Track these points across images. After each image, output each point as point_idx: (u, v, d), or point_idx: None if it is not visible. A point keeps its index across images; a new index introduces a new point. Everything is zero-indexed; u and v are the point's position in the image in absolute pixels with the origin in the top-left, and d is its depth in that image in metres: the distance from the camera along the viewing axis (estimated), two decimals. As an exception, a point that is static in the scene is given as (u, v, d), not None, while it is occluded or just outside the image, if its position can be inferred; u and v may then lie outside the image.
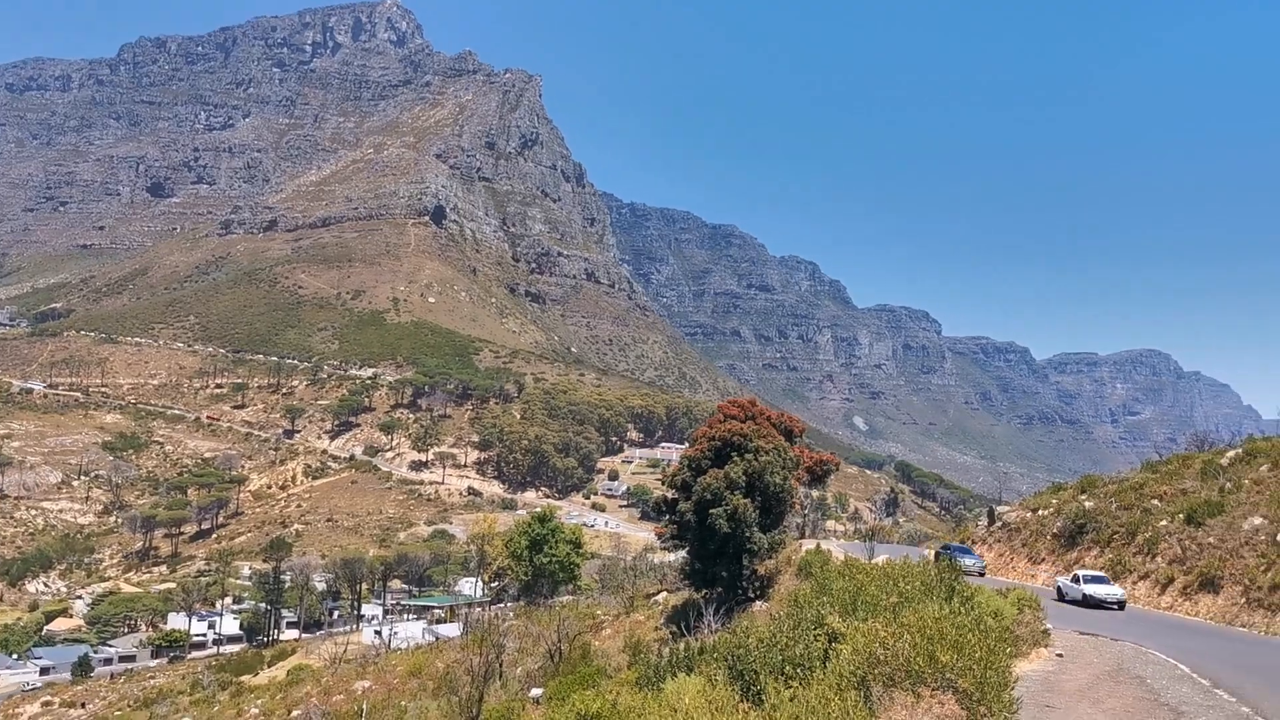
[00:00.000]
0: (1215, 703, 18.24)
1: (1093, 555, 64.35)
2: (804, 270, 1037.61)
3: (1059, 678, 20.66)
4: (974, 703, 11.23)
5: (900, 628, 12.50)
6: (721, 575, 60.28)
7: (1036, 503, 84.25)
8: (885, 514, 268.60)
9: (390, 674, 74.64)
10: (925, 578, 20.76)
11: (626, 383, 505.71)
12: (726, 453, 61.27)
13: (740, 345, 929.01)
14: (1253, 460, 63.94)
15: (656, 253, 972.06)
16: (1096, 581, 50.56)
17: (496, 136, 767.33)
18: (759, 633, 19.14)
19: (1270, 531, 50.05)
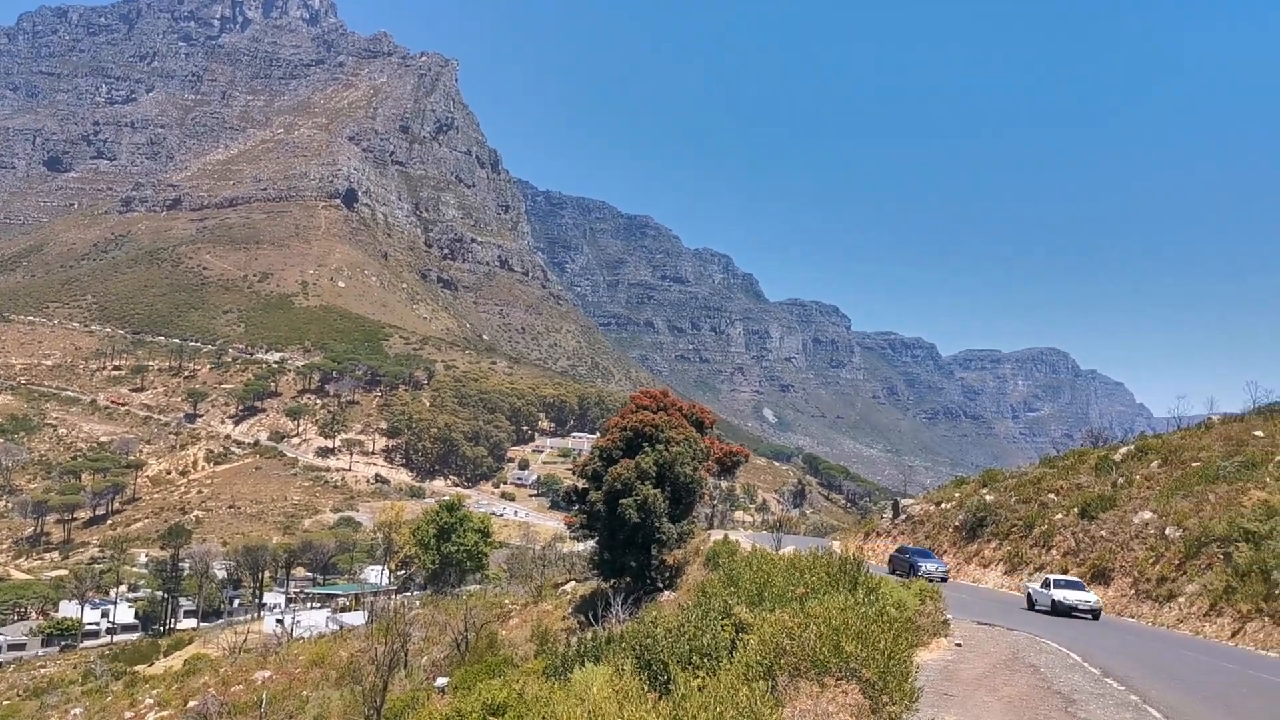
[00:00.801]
0: (1105, 691, 18.85)
1: (992, 547, 66.07)
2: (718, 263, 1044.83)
3: (958, 667, 21.13)
4: (877, 692, 11.43)
5: (806, 618, 12.67)
6: (630, 565, 60.48)
7: (940, 496, 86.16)
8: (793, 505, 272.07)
9: (292, 664, 73.44)
10: (831, 569, 21.08)
11: (539, 371, 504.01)
12: (638, 443, 61.45)
13: (654, 336, 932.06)
14: (1144, 456, 66.21)
15: (571, 242, 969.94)
16: (1068, 586, 46.85)
17: (411, 120, 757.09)
18: (667, 623, 19.24)
19: (1159, 525, 51.84)
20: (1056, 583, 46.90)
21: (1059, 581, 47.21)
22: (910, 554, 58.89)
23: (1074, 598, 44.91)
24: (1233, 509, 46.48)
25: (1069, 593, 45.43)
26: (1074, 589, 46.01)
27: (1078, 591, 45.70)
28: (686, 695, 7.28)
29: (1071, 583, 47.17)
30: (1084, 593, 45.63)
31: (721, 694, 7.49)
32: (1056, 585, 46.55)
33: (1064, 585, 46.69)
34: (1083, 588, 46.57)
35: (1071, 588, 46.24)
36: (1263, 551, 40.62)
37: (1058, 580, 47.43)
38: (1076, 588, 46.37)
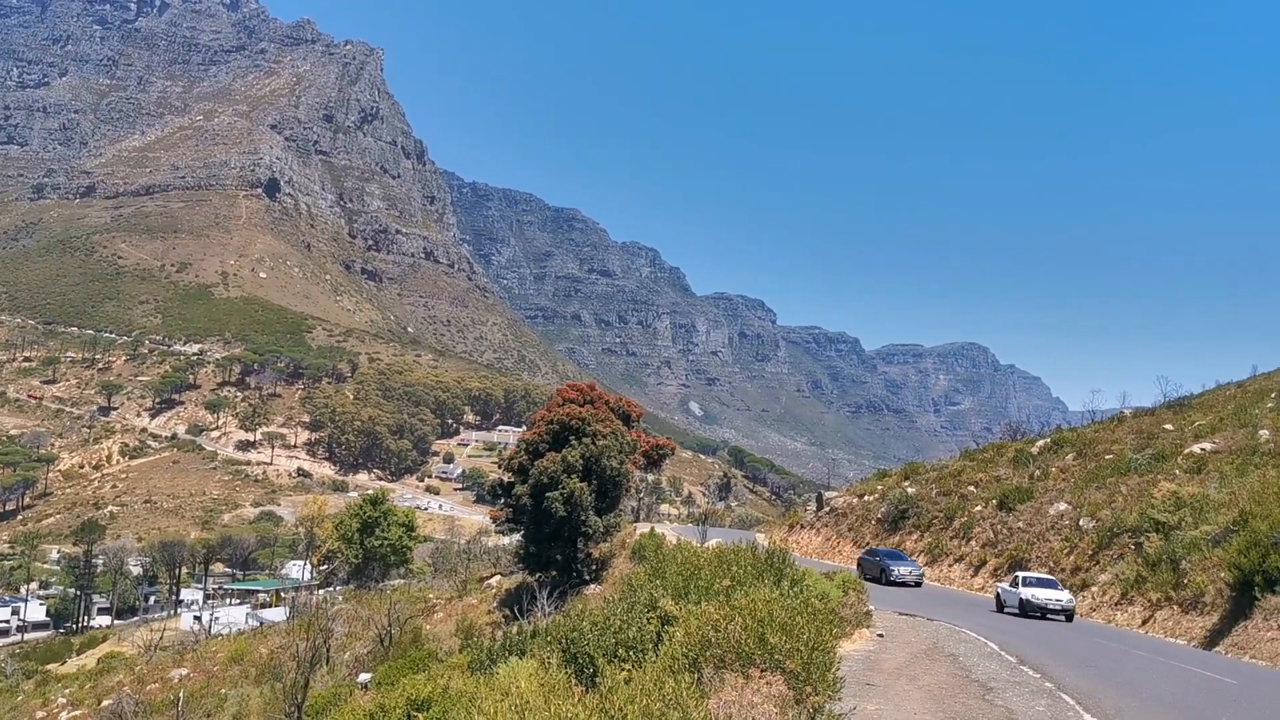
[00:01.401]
0: (1021, 678, 19.26)
1: (913, 539, 67.19)
2: (645, 257, 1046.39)
3: (880, 657, 21.44)
4: (801, 683, 11.54)
5: (732, 611, 12.75)
6: (556, 558, 60.42)
7: (863, 489, 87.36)
8: (718, 498, 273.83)
9: (210, 661, 72.08)
10: (756, 562, 21.25)
11: (464, 364, 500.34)
12: (564, 436, 61.38)
13: (580, 329, 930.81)
14: (1059, 449, 67.84)
15: (498, 234, 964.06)
16: (1039, 584, 43.20)
17: (335, 109, 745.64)
18: (593, 616, 19.25)
19: (1073, 516, 53.16)
20: (1025, 580, 43.64)
21: (1029, 579, 43.84)
22: (881, 556, 54.39)
23: (1044, 596, 41.69)
24: (1143, 500, 47.79)
25: (1039, 591, 42.13)
26: (1045, 587, 42.63)
27: (1049, 590, 42.37)
28: (613, 688, 7.30)
29: (1043, 580, 43.77)
30: (1056, 591, 42.32)
31: (647, 686, 7.51)
32: (1025, 583, 43.21)
33: (1034, 583, 43.25)
34: (1055, 585, 43.23)
35: (1043, 585, 42.83)
36: (1172, 542, 41.82)
37: (1027, 578, 44.06)
38: (1048, 585, 42.95)
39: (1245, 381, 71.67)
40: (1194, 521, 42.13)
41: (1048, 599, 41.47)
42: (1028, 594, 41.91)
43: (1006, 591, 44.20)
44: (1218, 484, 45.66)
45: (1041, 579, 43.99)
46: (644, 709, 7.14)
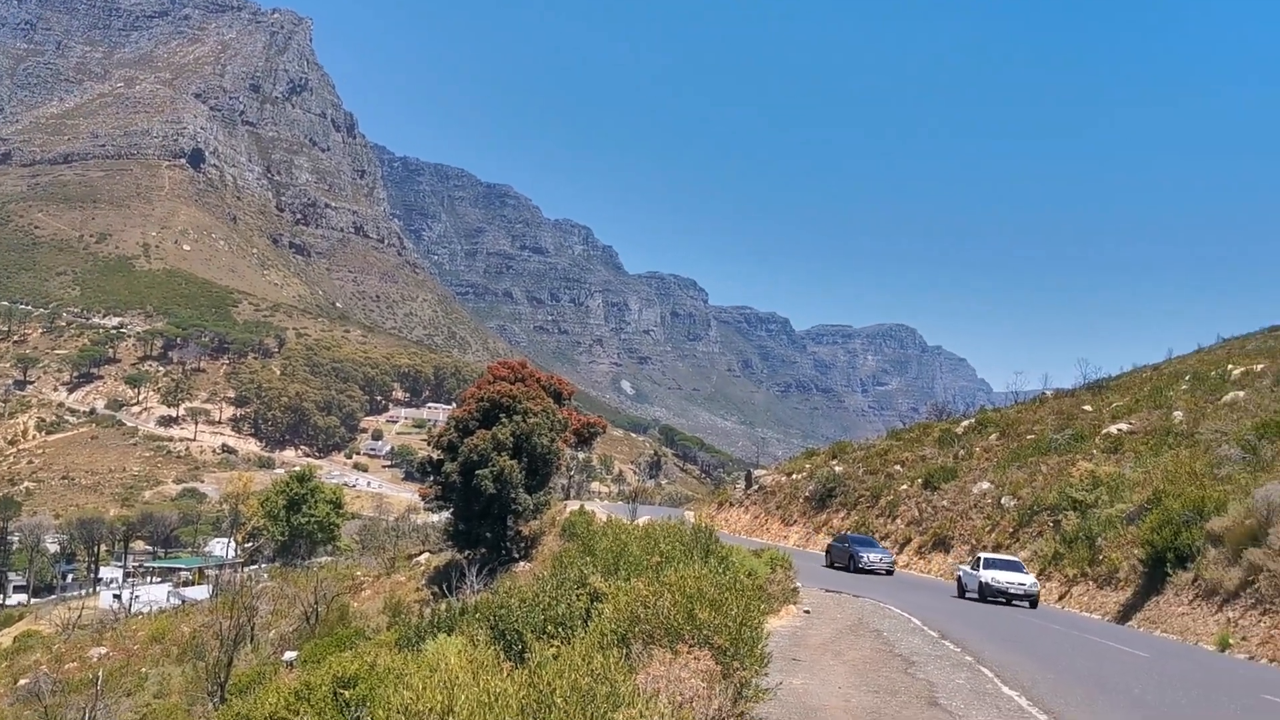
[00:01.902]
0: (942, 653, 19.66)
1: (840, 517, 68.14)
2: (578, 234, 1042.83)
3: (806, 632, 21.74)
4: (728, 658, 11.65)
5: (661, 587, 12.83)
6: (486, 536, 60.35)
7: (791, 467, 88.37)
8: (649, 476, 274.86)
9: (130, 640, 70.85)
10: (685, 539, 21.39)
11: (394, 341, 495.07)
12: (495, 414, 61.19)
13: (512, 306, 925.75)
14: (983, 429, 69.21)
15: (429, 209, 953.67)
16: (1002, 566, 40.01)
17: (262, 79, 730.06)
18: (522, 593, 19.26)
19: (996, 495, 54.31)
20: (987, 562, 40.60)
21: (991, 560, 40.83)
22: (851, 542, 50.84)
23: (1005, 579, 38.77)
24: (1063, 479, 48.96)
25: (1000, 574, 39.14)
26: (1008, 569, 39.66)
27: (1011, 573, 39.32)
28: (542, 663, 7.32)
29: (1007, 562, 40.70)
30: (1020, 574, 39.27)
31: (576, 661, 7.54)
32: (987, 565, 40.18)
33: (996, 565, 40.20)
34: (1020, 568, 40.14)
35: (1006, 568, 39.84)
36: (1088, 519, 42.91)
37: (989, 559, 41.05)
38: (1011, 568, 39.86)
39: (1161, 364, 73.60)
40: (1110, 500, 43.26)
41: (1009, 582, 38.68)
42: (988, 577, 39.00)
43: (967, 575, 41.32)
44: (1133, 464, 46.89)
45: (1004, 560, 41.01)
46: (572, 684, 7.17)
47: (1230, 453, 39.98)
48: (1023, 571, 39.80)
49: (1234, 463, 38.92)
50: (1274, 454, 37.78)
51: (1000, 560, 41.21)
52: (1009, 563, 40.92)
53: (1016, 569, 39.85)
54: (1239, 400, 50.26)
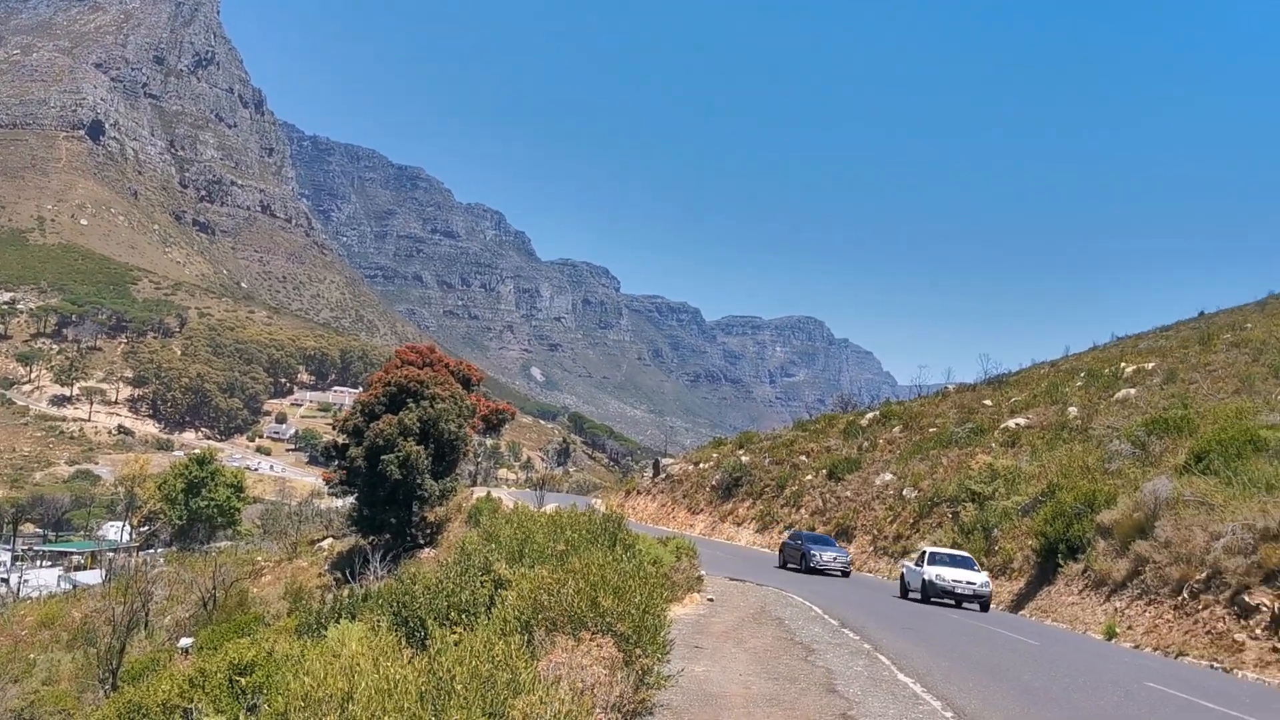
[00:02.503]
0: (841, 640, 20.01)
1: (746, 506, 68.93)
2: (490, 219, 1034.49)
3: (709, 620, 21.94)
4: (631, 645, 11.71)
5: (565, 574, 12.84)
6: (391, 521, 59.84)
7: (698, 456, 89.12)
8: (557, 463, 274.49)
9: (18, 625, 68.50)
10: (591, 526, 21.42)
11: (300, 322, 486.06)
12: (402, 399, 60.65)
13: (422, 290, 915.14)
14: (887, 422, 70.59)
15: (339, 190, 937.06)
16: (950, 563, 36.16)
17: (167, 51, 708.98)
18: (426, 579, 19.11)
19: (898, 486, 55.45)
20: (933, 557, 36.60)
21: (937, 555, 36.92)
22: (804, 541, 47.06)
23: (952, 577, 35.02)
24: (962, 471, 50.17)
25: (947, 571, 35.36)
26: (956, 565, 35.93)
27: (960, 570, 35.59)
28: (442, 650, 7.28)
29: (955, 558, 36.81)
30: (970, 571, 35.50)
31: (477, 648, 7.52)
32: (932, 560, 36.24)
33: (943, 560, 36.35)
34: (970, 565, 36.34)
35: (954, 564, 36.01)
36: (985, 511, 44.03)
37: (935, 554, 37.06)
38: (960, 565, 36.08)
39: (1058, 361, 75.82)
40: (1006, 492, 44.46)
41: (956, 580, 34.92)
42: (933, 574, 35.17)
43: (910, 571, 37.41)
44: (1029, 457, 48.25)
45: (952, 556, 37.17)
46: (472, 670, 7.14)
47: (1121, 448, 41.33)
48: (973, 569, 35.98)
49: (1124, 458, 40.25)
50: (1162, 450, 39.16)
51: (947, 555, 37.19)
52: (958, 558, 36.86)
53: (966, 565, 36.09)
54: (1130, 397, 51.99)
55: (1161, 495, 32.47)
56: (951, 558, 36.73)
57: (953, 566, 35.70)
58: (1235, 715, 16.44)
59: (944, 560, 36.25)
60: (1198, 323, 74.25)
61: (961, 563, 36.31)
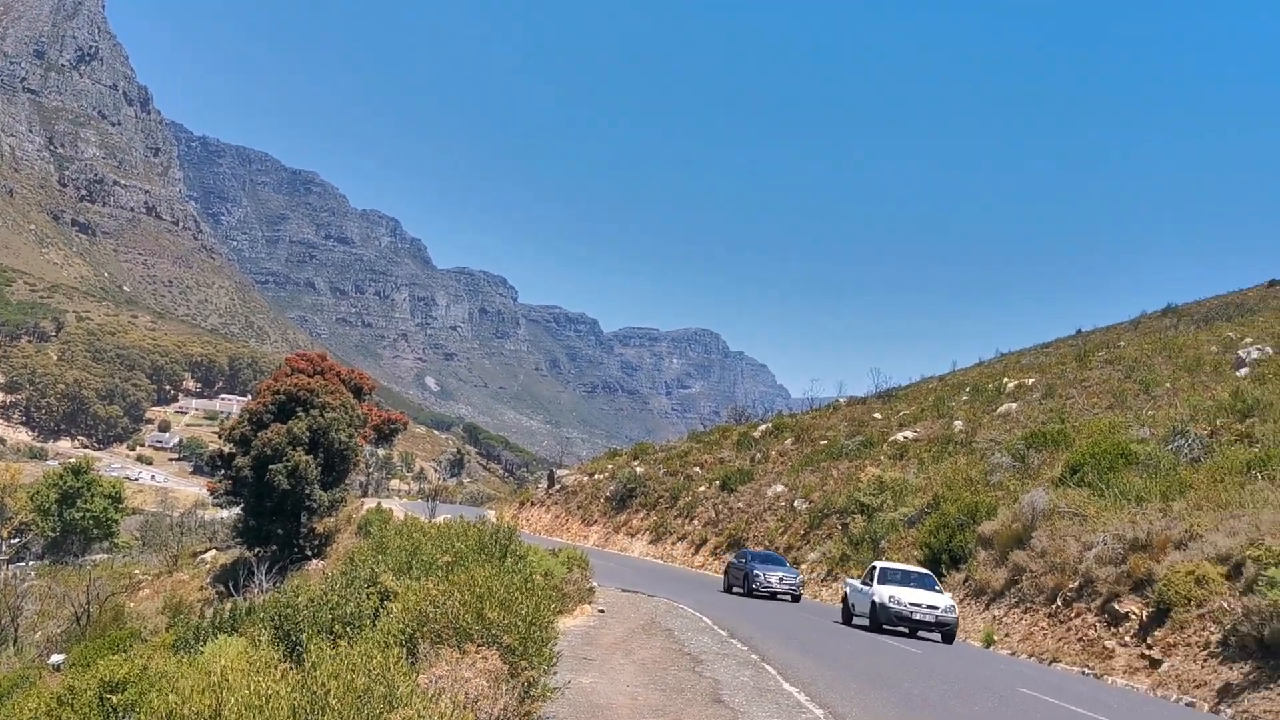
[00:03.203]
0: (730, 651, 20.20)
1: (640, 517, 69.09)
2: (385, 226, 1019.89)
3: (599, 632, 21.94)
4: (517, 657, 11.65)
5: (451, 586, 12.72)
6: (278, 533, 58.63)
7: (593, 467, 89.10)
8: (450, 474, 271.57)
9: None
10: (481, 538, 21.27)
11: (186, 328, 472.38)
12: (291, 407, 59.52)
13: (315, 297, 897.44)
14: (779, 434, 71.55)
15: (229, 193, 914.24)
16: (905, 581, 30.54)
17: (48, 45, 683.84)
18: (310, 592, 18.75)
19: (789, 498, 56.19)
20: (884, 574, 30.87)
21: (890, 573, 31.05)
22: (749, 560, 41.35)
23: (909, 600, 29.28)
24: (852, 483, 51.07)
25: (902, 591, 29.63)
26: (914, 585, 30.24)
27: (918, 590, 29.90)
28: (317, 663, 7.13)
29: (912, 575, 31.17)
30: (930, 593, 29.82)
31: (354, 661, 7.39)
32: (885, 578, 30.56)
33: (897, 579, 30.52)
34: (931, 584, 30.74)
35: (910, 583, 30.38)
36: (874, 522, 44.89)
37: (887, 570, 31.37)
38: (919, 584, 30.49)
39: (946, 376, 77.92)
40: (894, 504, 45.41)
41: (914, 605, 29.16)
42: (884, 595, 29.60)
43: (856, 592, 31.89)
44: (916, 469, 49.37)
45: (909, 573, 31.34)
46: (348, 684, 7.02)
47: (1002, 461, 42.58)
48: (934, 589, 30.36)
49: (1005, 470, 41.47)
50: (1040, 463, 40.45)
51: (902, 572, 31.27)
52: (914, 576, 31.15)
53: (926, 585, 30.41)
54: (1012, 411, 53.63)
55: (1038, 507, 33.52)
56: (907, 575, 30.97)
57: (909, 586, 30.06)
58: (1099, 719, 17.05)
59: (897, 578, 30.56)
60: (1075, 341, 77.05)
61: (919, 581, 30.67)
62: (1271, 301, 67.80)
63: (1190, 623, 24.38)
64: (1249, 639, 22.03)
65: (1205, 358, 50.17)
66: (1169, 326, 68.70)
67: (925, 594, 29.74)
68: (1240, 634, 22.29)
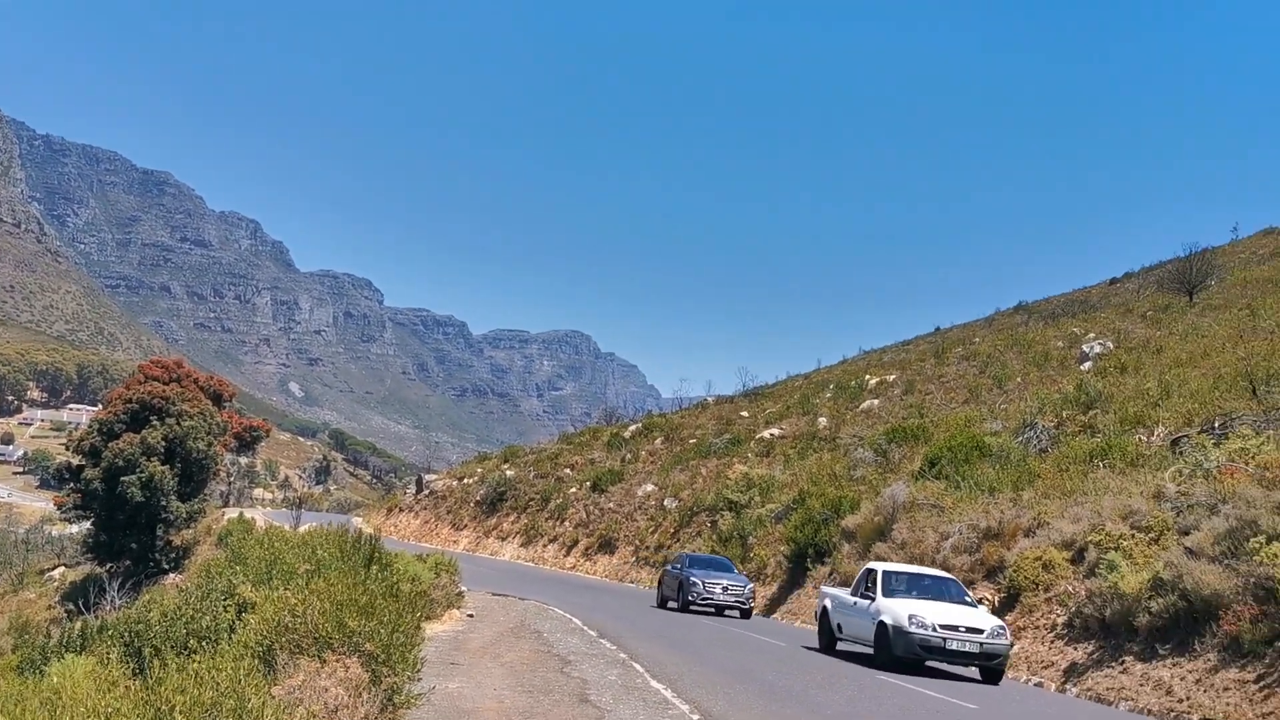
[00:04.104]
0: (599, 651, 20.27)
1: (510, 520, 68.76)
2: (245, 228, 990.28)
3: (467, 636, 21.77)
4: (379, 664, 11.49)
5: (311, 594, 12.46)
6: (132, 547, 56.56)
7: (463, 471, 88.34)
8: (316, 482, 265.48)
9: None
10: (345, 545, 20.89)
11: (30, 335, 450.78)
12: (146, 416, 57.55)
13: (171, 302, 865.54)
14: (649, 434, 72.12)
15: (75, 194, 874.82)
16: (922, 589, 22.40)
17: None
18: (164, 606, 18.12)
19: (659, 497, 56.64)
20: (895, 581, 22.44)
21: (901, 579, 22.65)
22: (686, 566, 34.89)
23: (939, 619, 20.76)
24: (720, 481, 51.77)
25: (926, 608, 21.13)
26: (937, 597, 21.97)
27: (946, 605, 21.55)
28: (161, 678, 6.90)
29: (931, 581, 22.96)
30: (965, 608, 21.62)
31: (202, 674, 7.18)
32: (894, 587, 22.19)
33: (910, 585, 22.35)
34: (961, 595, 22.49)
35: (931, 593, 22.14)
36: (742, 518, 45.59)
37: (899, 575, 22.91)
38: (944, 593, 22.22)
39: (811, 374, 79.60)
40: (761, 500, 46.20)
41: (947, 628, 20.58)
42: (902, 613, 20.95)
43: (845, 607, 23.59)
44: (782, 466, 50.34)
45: (924, 577, 23.12)
46: (195, 698, 6.81)
47: (865, 456, 43.74)
48: (966, 600, 22.24)
49: (868, 465, 42.62)
50: (901, 457, 41.68)
51: (911, 576, 22.94)
52: (936, 581, 22.91)
53: (953, 596, 22.15)
54: (874, 407, 55.15)
55: (899, 499, 34.55)
56: (920, 580, 22.72)
57: (933, 599, 21.64)
58: (954, 702, 17.67)
59: (912, 585, 22.29)
60: (934, 338, 79.66)
61: (944, 590, 22.34)
62: (1113, 299, 71.23)
63: (1038, 606, 25.46)
64: (1092, 620, 23.13)
65: (1053, 353, 52.40)
66: (1020, 323, 71.56)
67: (958, 610, 21.28)
68: (1084, 615, 23.37)
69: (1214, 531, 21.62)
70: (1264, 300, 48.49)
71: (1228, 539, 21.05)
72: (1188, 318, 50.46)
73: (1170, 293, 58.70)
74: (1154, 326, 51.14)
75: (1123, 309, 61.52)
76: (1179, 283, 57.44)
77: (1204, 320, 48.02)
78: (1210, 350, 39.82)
